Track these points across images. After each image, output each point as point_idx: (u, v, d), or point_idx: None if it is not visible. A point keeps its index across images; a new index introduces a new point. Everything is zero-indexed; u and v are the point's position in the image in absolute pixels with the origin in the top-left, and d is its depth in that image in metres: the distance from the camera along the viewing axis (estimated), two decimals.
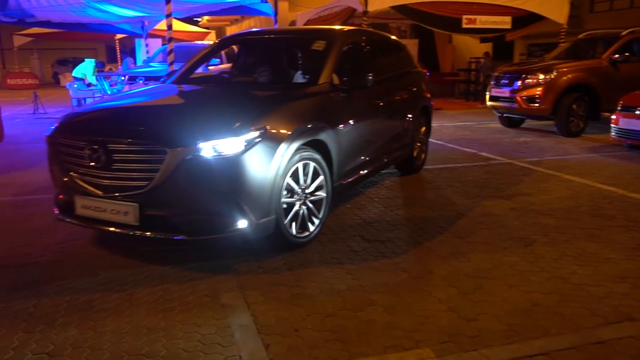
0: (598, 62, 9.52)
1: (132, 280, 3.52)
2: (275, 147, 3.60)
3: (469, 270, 3.62)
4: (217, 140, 3.39)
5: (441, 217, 4.80)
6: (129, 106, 4.37)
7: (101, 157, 3.51)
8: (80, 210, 3.69)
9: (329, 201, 4.22)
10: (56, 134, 3.91)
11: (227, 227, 3.48)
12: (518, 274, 3.55)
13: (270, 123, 3.66)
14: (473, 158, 7.59)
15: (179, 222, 3.50)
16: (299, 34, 5.79)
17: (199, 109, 4.02)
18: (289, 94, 4.38)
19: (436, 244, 4.12)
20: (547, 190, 5.70)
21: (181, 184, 3.38)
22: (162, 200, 3.45)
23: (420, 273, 3.58)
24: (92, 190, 3.62)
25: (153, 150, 3.40)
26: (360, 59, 5.27)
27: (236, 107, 3.97)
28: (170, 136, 3.43)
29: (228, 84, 5.35)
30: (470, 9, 14.25)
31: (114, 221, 3.56)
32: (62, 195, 3.94)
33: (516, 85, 9.60)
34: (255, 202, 3.51)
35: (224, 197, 3.45)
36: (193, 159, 3.35)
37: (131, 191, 3.48)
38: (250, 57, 5.83)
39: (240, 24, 25.73)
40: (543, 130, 10.33)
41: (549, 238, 4.24)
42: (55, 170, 3.96)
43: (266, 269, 3.68)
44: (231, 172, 3.41)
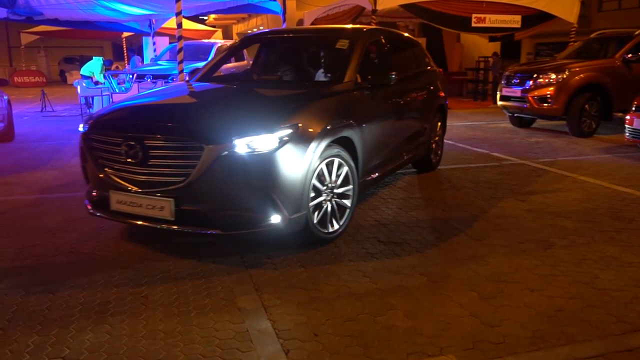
0: (611, 61, 9.41)
1: (147, 281, 3.47)
2: (307, 144, 3.67)
3: (489, 274, 3.55)
4: (252, 137, 3.47)
5: (456, 219, 4.73)
6: (162, 103, 4.47)
7: (138, 153, 3.58)
8: (116, 206, 3.74)
9: (355, 198, 4.27)
10: (91, 131, 3.95)
11: (261, 222, 3.56)
12: (539, 278, 3.48)
13: (302, 120, 3.74)
14: (485, 158, 7.51)
15: (214, 217, 3.59)
16: (322, 33, 5.79)
17: (232, 107, 4.09)
18: (317, 92, 4.45)
19: (453, 247, 4.06)
20: (563, 191, 5.62)
21: (217, 179, 3.46)
22: (197, 196, 3.52)
23: (439, 276, 3.52)
24: (127, 186, 3.68)
25: (190, 147, 3.48)
26: (381, 57, 5.33)
27: (268, 105, 4.11)
28: (208, 133, 3.51)
29: (254, 83, 5.34)
30: (480, 7, 14.14)
31: (150, 216, 3.63)
32: (96, 191, 3.98)
33: (528, 85, 9.50)
34: (288, 197, 3.58)
35: (259, 193, 3.53)
36: (229, 155, 3.43)
37: (167, 186, 3.55)
38: (274, 56, 5.86)
39: (247, 22, 25.69)
40: (554, 130, 10.23)
41: (568, 241, 4.16)
42: (88, 166, 4.00)
43: (282, 271, 3.63)
44: (265, 168, 3.49)
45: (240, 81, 5.50)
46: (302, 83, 4.98)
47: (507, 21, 14.35)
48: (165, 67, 12.78)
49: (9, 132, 9.01)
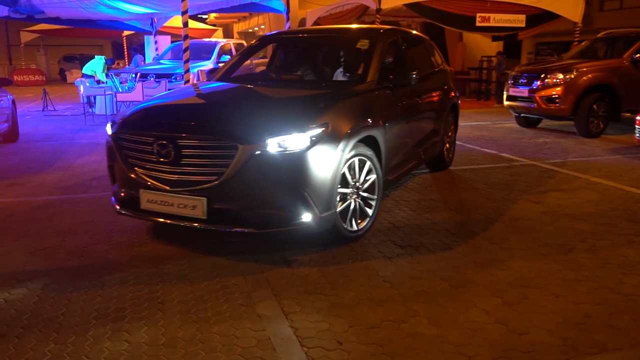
0: (619, 61, 9.34)
1: (162, 286, 3.40)
2: (337, 142, 3.73)
3: (511, 279, 3.48)
4: (284, 136, 3.53)
5: (472, 221, 4.66)
6: (192, 103, 4.53)
7: (170, 153, 3.61)
8: (146, 205, 3.76)
9: (380, 196, 4.33)
10: (121, 130, 3.94)
11: (293, 220, 3.61)
12: (563, 283, 3.41)
13: (331, 119, 3.79)
14: (494, 159, 7.45)
15: (246, 216, 3.63)
16: (342, 33, 5.80)
17: (263, 107, 4.17)
18: (342, 92, 4.47)
19: (471, 250, 3.99)
20: (576, 193, 5.56)
21: (249, 178, 3.50)
22: (229, 194, 3.57)
23: (461, 281, 3.45)
24: (158, 185, 3.70)
25: (224, 146, 3.52)
26: (399, 57, 5.37)
27: (298, 105, 4.15)
28: (241, 132, 3.54)
29: (276, 82, 5.32)
30: (484, 6, 14.07)
31: (182, 215, 3.66)
32: (124, 190, 3.99)
33: (535, 85, 9.43)
34: (319, 196, 3.63)
35: (291, 191, 3.57)
36: (262, 154, 3.48)
37: (199, 185, 3.57)
38: (294, 56, 5.86)
39: (248, 21, 25.60)
40: (561, 130, 10.17)
41: (588, 244, 4.10)
42: (117, 166, 4.00)
43: (299, 275, 3.56)
44: (297, 166, 3.54)
45: (261, 81, 5.50)
46: (325, 83, 5.00)
47: (511, 20, 14.28)
48: (169, 66, 12.71)
49: (13, 133, 8.92)
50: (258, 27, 25.47)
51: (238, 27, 28.33)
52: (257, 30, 27.09)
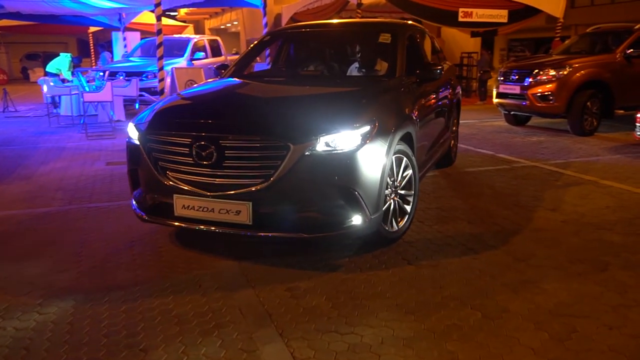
0: (611, 57, 9.04)
1: (144, 335, 2.82)
2: (385, 140, 3.55)
3: (551, 306, 3.02)
4: (336, 134, 3.32)
5: (488, 234, 4.20)
6: (228, 101, 4.19)
7: (211, 155, 3.34)
8: (181, 211, 3.49)
9: (416, 194, 4.17)
10: (151, 131, 3.63)
11: (344, 223, 3.39)
12: (612, 311, 2.96)
13: (377, 117, 3.60)
14: (493, 161, 7.03)
15: (296, 220, 3.38)
16: (360, 27, 5.61)
17: (306, 104, 3.89)
18: (379, 88, 4.26)
19: (496, 270, 3.52)
20: (591, 198, 5.16)
21: (299, 179, 3.28)
22: (278, 198, 3.33)
23: (495, 311, 2.97)
24: (196, 190, 3.42)
25: (275, 146, 3.28)
26: (417, 51, 5.16)
27: (341, 102, 3.89)
28: (293, 131, 3.31)
29: (303, 79, 5.02)
30: (467, 2, 13.76)
31: (224, 221, 3.41)
32: (153, 197, 3.71)
33: (527, 82, 9.07)
34: (370, 196, 3.42)
35: (343, 192, 3.35)
36: (313, 153, 3.27)
37: (245, 189, 3.32)
38: (310, 51, 5.57)
39: (221, 17, 24.82)
40: (552, 128, 9.85)
41: (622, 260, 3.67)
42: (142, 170, 3.70)
43: (305, 307, 3.03)
44: (349, 165, 3.33)
45: (284, 77, 5.23)
46: (355, 78, 4.77)
47: (494, 16, 13.99)
48: (139, 64, 12.00)
49: None
50: (231, 23, 24.73)
51: (210, 23, 27.48)
52: (229, 26, 26.35)
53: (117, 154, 7.61)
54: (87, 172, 6.55)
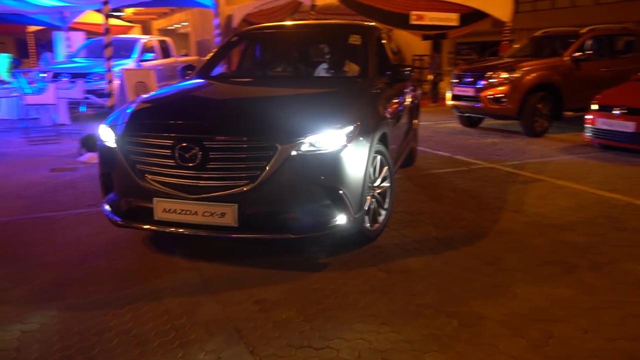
0: (560, 60, 9.29)
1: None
2: (367, 140, 3.58)
3: (525, 311, 2.98)
4: (323, 134, 3.32)
5: (455, 238, 4.16)
6: (208, 102, 4.19)
7: (195, 156, 3.26)
8: (162, 215, 3.39)
9: (392, 193, 4.20)
10: (129, 132, 3.51)
11: (329, 222, 3.38)
12: (584, 313, 2.95)
13: (359, 117, 3.62)
14: (451, 162, 7.06)
15: (282, 221, 3.36)
16: (329, 28, 5.64)
17: (288, 105, 3.86)
18: (356, 89, 4.29)
19: (467, 274, 3.46)
20: (550, 199, 5.22)
21: (286, 180, 3.25)
22: (264, 199, 3.29)
23: (470, 317, 2.90)
24: (178, 193, 3.34)
25: (262, 147, 3.24)
26: (384, 53, 5.17)
27: (323, 102, 3.88)
28: (280, 131, 3.28)
29: (275, 79, 4.98)
30: (418, 5, 13.90)
31: (208, 224, 3.33)
32: (130, 201, 3.60)
33: (481, 84, 9.19)
34: (354, 195, 3.44)
35: (329, 192, 3.35)
36: (300, 153, 3.25)
37: (230, 190, 3.26)
38: (280, 52, 5.57)
39: (170, 17, 24.20)
40: (504, 130, 10.03)
41: (588, 261, 3.69)
42: (117, 173, 3.59)
43: (276, 320, 2.87)
44: (335, 165, 3.34)
45: (255, 78, 5.16)
46: (330, 79, 4.79)
47: (445, 19, 14.19)
48: (85, 65, 11.50)
49: None
50: (180, 24, 24.16)
51: (158, 24, 26.74)
52: (179, 27, 25.74)
53: (63, 160, 7.21)
54: (30, 179, 6.15)
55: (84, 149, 7.45)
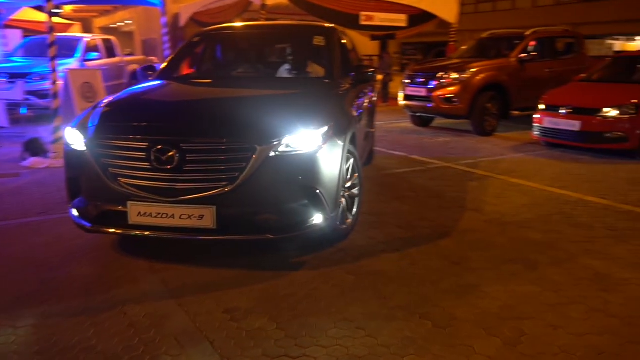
0: (507, 61, 9.59)
1: None
2: (340, 139, 3.64)
3: (496, 310, 3.02)
4: (299, 134, 3.34)
5: (419, 238, 4.19)
6: (180, 104, 4.10)
7: (172, 159, 3.21)
8: (136, 219, 3.32)
9: (361, 192, 4.26)
10: (101, 135, 3.42)
11: (307, 222, 3.41)
12: (551, 310, 3.02)
13: (332, 117, 3.66)
14: (408, 162, 7.14)
15: (261, 222, 3.36)
16: (291, 29, 5.73)
17: (261, 106, 3.82)
18: (325, 90, 4.30)
19: (436, 276, 3.49)
20: (506, 197, 5.36)
21: (264, 181, 3.26)
22: (242, 200, 3.28)
23: (443, 319, 2.92)
24: (154, 196, 3.27)
25: (241, 148, 3.23)
26: (346, 54, 5.22)
27: (295, 103, 3.84)
28: (258, 133, 3.28)
29: (241, 80, 4.89)
30: (368, 5, 14.01)
31: (186, 227, 3.28)
32: (100, 205, 3.50)
33: (432, 84, 9.36)
34: (330, 195, 3.49)
35: (307, 191, 3.38)
36: (278, 154, 3.27)
37: (209, 192, 3.23)
38: (242, 52, 5.55)
39: (112, 15, 23.40)
40: (454, 129, 10.26)
41: (548, 257, 3.80)
42: (87, 177, 3.48)
43: (250, 331, 2.79)
44: (312, 165, 3.37)
45: (223, 79, 5.01)
46: (299, 80, 4.78)
47: (394, 20, 14.38)
48: (24, 64, 10.93)
49: None
50: (123, 22, 23.41)
51: (99, 22, 25.79)
52: (122, 25, 24.95)
53: (4, 165, 6.81)
54: None
55: (27, 153, 7.08)
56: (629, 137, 6.82)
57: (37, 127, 10.06)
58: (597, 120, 7.01)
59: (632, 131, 6.80)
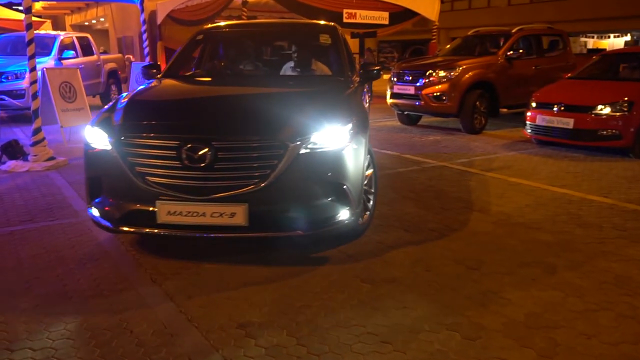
0: (494, 58, 9.53)
1: None
2: (363, 136, 3.68)
3: (522, 318, 2.90)
4: (328, 131, 3.37)
5: (429, 242, 4.05)
6: (206, 102, 4.07)
7: (203, 157, 3.19)
8: (165, 218, 3.28)
9: (376, 189, 4.26)
10: (129, 134, 3.36)
11: (334, 218, 3.43)
12: (580, 317, 2.91)
13: (355, 115, 3.68)
14: (402, 162, 7.01)
15: (292, 218, 3.36)
16: (296, 27, 5.72)
17: (285, 103, 3.84)
18: (340, 87, 4.29)
19: (454, 282, 3.35)
20: (508, 197, 5.26)
21: (295, 178, 3.29)
22: (273, 197, 3.30)
23: (471, 329, 2.78)
24: (184, 195, 3.25)
25: (274, 146, 3.25)
26: (349, 52, 5.15)
27: (317, 101, 3.83)
28: (290, 130, 3.31)
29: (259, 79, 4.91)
30: (350, 3, 13.89)
31: (217, 225, 3.28)
32: (126, 205, 3.43)
33: (421, 82, 9.26)
34: (356, 191, 3.52)
35: (336, 188, 3.41)
36: (308, 151, 3.30)
37: (241, 190, 3.23)
38: (249, 50, 5.35)
39: (85, 12, 22.74)
40: (442, 127, 10.19)
41: (565, 260, 3.70)
42: (111, 176, 3.43)
43: (269, 348, 2.61)
44: (340, 162, 3.41)
45: (231, 77, 4.99)
46: (315, 78, 4.76)
47: (376, 18, 14.30)
48: None
49: None
50: (97, 19, 22.81)
51: (71, 19, 25.08)
52: (95, 23, 24.32)
53: None
54: None
55: (4, 156, 6.74)
56: (623, 134, 6.81)
57: (13, 129, 9.68)
58: (591, 118, 6.98)
59: (626, 128, 6.79)
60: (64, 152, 7.33)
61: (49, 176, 6.16)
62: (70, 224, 4.46)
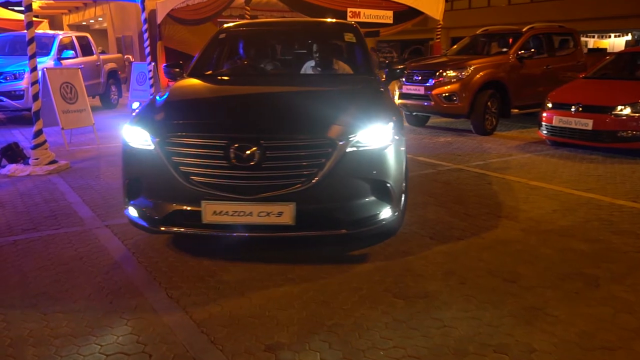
0: (505, 58, 9.32)
1: None
2: (402, 134, 3.65)
3: (575, 338, 2.67)
4: (372, 130, 3.35)
5: (458, 251, 3.83)
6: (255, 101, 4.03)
7: (252, 156, 3.15)
8: (211, 218, 3.25)
9: (407, 188, 4.06)
10: (172, 134, 3.30)
11: (378, 217, 3.41)
12: (637, 337, 2.69)
13: (393, 113, 3.68)
14: (416, 164, 6.78)
15: (338, 217, 3.34)
16: (319, 26, 5.66)
17: (328, 102, 3.82)
18: (371, 86, 4.28)
19: (493, 296, 3.12)
20: (533, 202, 5.04)
21: (342, 176, 3.26)
22: (320, 196, 3.26)
23: (521, 352, 2.55)
24: (231, 195, 3.21)
25: (322, 144, 3.24)
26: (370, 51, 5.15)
27: (359, 99, 3.84)
28: (337, 129, 3.30)
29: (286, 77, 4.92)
30: (354, 2, 13.66)
31: (263, 224, 3.25)
32: (169, 205, 3.37)
33: (431, 83, 9.03)
34: (398, 190, 3.50)
35: (380, 187, 3.38)
36: (354, 149, 3.27)
37: (289, 189, 3.20)
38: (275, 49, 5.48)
39: (83, 12, 22.43)
40: (452, 128, 9.98)
41: (606, 271, 3.47)
42: (152, 176, 3.37)
43: None
44: (385, 160, 3.39)
45: (262, 76, 4.94)
46: (346, 76, 4.73)
47: (380, 16, 14.06)
48: None
49: None
50: (95, 19, 22.52)
51: (69, 19, 24.74)
52: (93, 23, 24.02)
53: None
54: None
55: (4, 160, 6.49)
56: None
57: (12, 131, 9.41)
58: (611, 119, 6.77)
59: None
60: (65, 155, 7.08)
61: (51, 180, 5.91)
62: (76, 232, 4.22)
